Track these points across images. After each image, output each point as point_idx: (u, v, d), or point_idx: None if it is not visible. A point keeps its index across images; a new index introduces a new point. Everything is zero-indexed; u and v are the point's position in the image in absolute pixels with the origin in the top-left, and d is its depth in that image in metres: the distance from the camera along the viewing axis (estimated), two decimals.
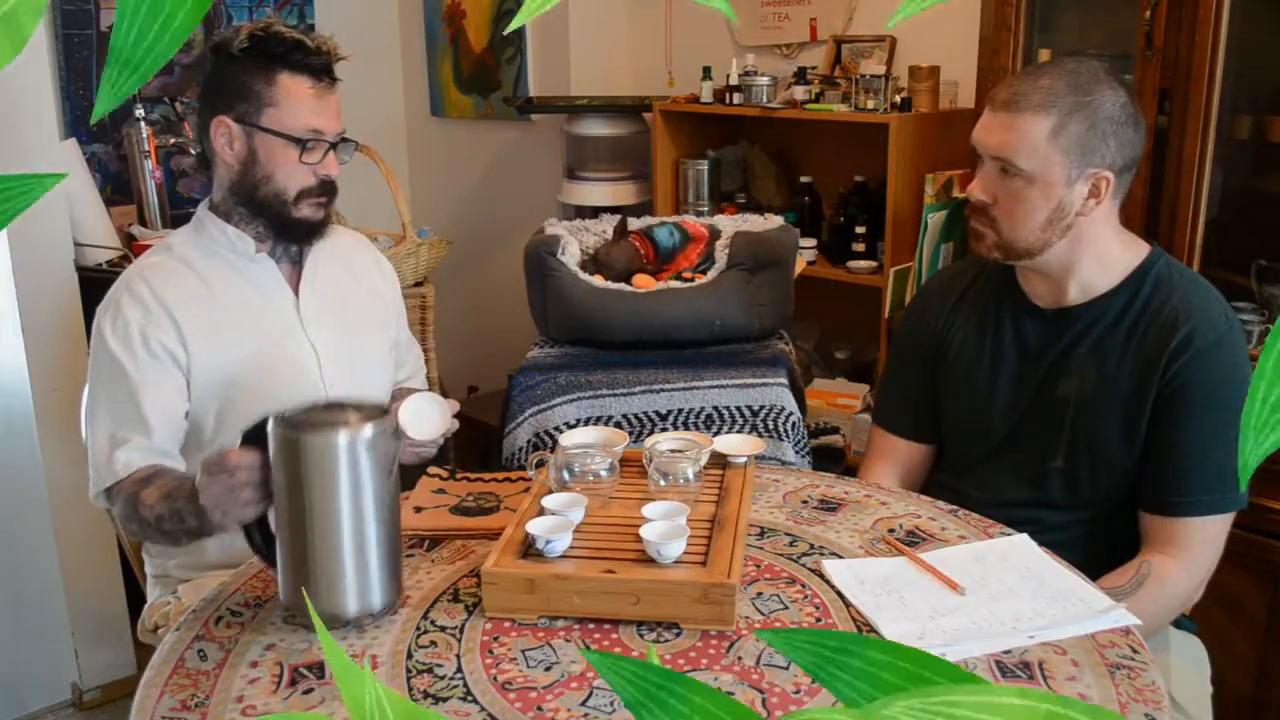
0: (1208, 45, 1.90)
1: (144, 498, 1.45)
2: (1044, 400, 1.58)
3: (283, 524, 1.21)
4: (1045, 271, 1.56)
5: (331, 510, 1.18)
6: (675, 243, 2.16)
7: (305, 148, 1.57)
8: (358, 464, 1.18)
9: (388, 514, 1.22)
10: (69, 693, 2.61)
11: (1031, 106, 1.46)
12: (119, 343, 1.55)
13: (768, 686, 1.09)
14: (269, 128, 1.56)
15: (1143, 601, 1.42)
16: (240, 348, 1.60)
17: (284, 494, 1.20)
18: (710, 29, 3.27)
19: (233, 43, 1.54)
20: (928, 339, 1.72)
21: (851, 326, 2.96)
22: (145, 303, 1.57)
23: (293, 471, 1.18)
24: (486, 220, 3.86)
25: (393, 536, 1.24)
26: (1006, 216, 1.51)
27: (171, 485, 1.44)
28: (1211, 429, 1.47)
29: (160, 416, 1.55)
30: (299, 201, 1.60)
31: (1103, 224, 1.53)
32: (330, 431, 1.17)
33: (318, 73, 1.58)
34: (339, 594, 1.20)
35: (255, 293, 1.65)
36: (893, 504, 1.53)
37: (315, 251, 1.70)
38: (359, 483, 1.19)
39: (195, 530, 1.40)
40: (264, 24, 1.56)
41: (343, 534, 1.19)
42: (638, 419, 1.96)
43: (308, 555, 1.20)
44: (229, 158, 1.59)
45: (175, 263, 1.63)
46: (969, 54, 2.39)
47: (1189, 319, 1.48)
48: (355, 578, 1.21)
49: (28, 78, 2.38)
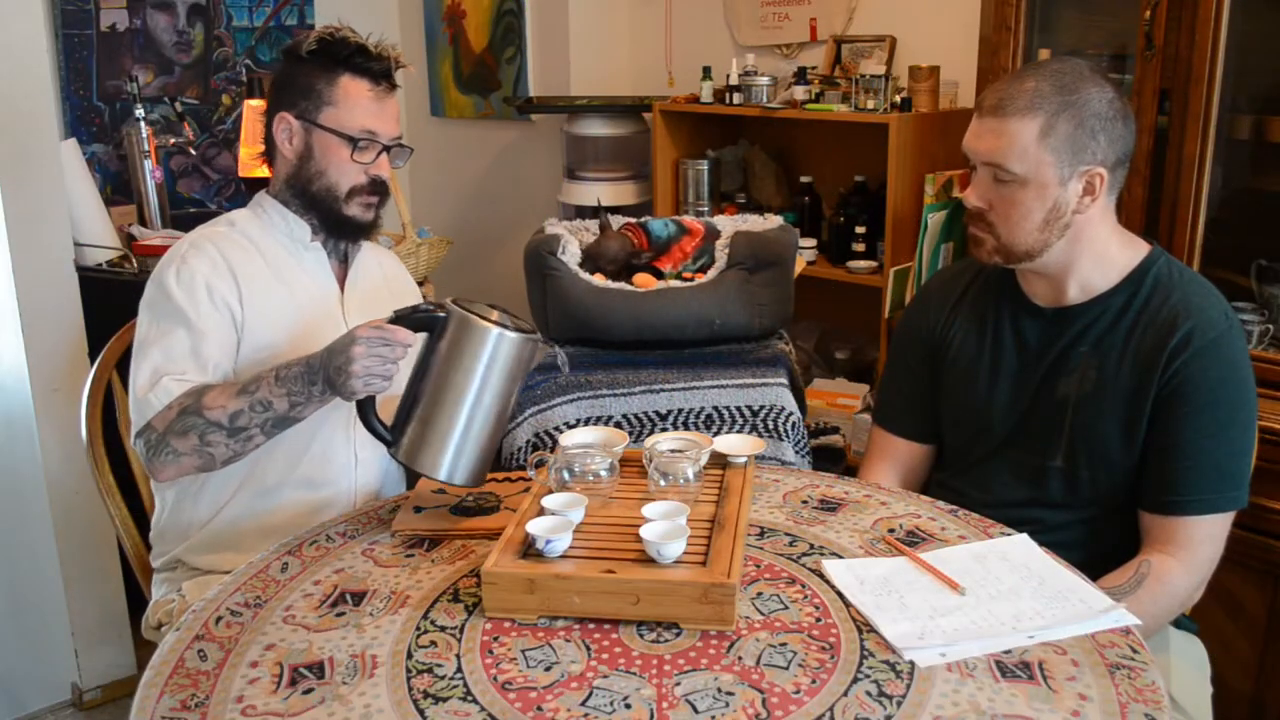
0: (1208, 45, 1.91)
1: (209, 401, 1.50)
2: (1044, 399, 1.58)
3: (422, 391, 1.43)
4: (1045, 271, 1.56)
5: (465, 388, 1.41)
6: (670, 233, 2.17)
7: (358, 146, 1.63)
8: (499, 360, 1.41)
9: (503, 411, 1.45)
10: (69, 693, 2.62)
11: (1018, 110, 1.47)
12: (184, 291, 1.59)
13: (768, 686, 1.09)
14: (326, 125, 1.63)
15: (1143, 601, 1.42)
16: (286, 324, 1.65)
17: (441, 361, 1.41)
18: (710, 29, 3.27)
19: (302, 45, 1.63)
20: (927, 339, 1.72)
21: (851, 326, 2.96)
22: (212, 258, 1.62)
23: (453, 346, 1.41)
24: (486, 220, 3.86)
25: (497, 433, 1.46)
26: (1003, 221, 1.52)
27: (245, 380, 1.52)
28: (1211, 427, 1.47)
29: (215, 360, 1.59)
30: (350, 199, 1.66)
31: (1100, 221, 1.53)
32: (494, 326, 1.41)
33: (377, 77, 1.64)
34: (438, 456, 1.42)
35: (307, 277, 1.70)
36: (893, 504, 1.53)
37: (361, 254, 1.78)
38: (492, 375, 1.42)
39: (280, 418, 1.51)
40: (333, 28, 1.64)
41: (465, 410, 1.41)
42: (638, 419, 1.96)
43: (431, 420, 1.42)
44: (288, 151, 1.66)
45: (238, 235, 1.69)
46: (969, 54, 2.39)
47: (1188, 318, 1.48)
48: (455, 450, 1.42)
49: (28, 78, 2.38)
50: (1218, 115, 1.95)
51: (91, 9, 3.12)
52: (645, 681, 1.10)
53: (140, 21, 3.24)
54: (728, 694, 1.08)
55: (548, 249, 2.10)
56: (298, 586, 1.33)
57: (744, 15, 3.18)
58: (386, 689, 1.11)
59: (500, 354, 1.42)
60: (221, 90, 3.47)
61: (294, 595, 1.31)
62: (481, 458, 1.45)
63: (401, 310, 1.44)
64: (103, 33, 3.15)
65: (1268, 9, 2.09)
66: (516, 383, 1.46)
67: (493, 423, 1.45)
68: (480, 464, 1.46)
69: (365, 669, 1.14)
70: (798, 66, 2.87)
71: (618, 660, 1.14)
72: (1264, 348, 2.02)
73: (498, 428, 1.46)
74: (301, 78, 1.64)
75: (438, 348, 1.42)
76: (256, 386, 1.49)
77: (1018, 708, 1.06)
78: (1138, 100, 2.01)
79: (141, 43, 3.25)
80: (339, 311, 1.72)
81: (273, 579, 1.35)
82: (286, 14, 3.59)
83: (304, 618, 1.25)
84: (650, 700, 1.07)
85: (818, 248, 2.86)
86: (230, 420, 1.49)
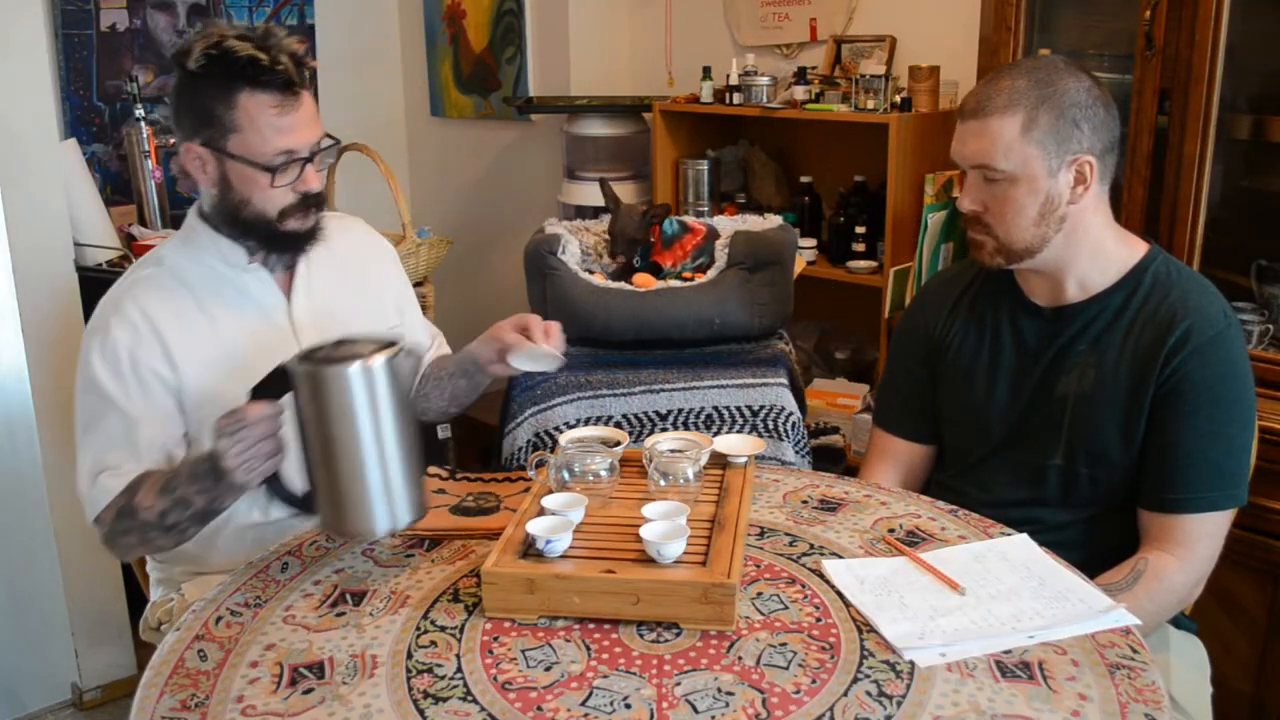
0: (1208, 45, 1.91)
1: (139, 502, 1.45)
2: (1043, 398, 1.58)
3: (314, 458, 1.31)
4: (1044, 269, 1.57)
5: (354, 437, 1.29)
6: (674, 231, 2.17)
7: (277, 171, 1.49)
8: (375, 391, 1.28)
9: (407, 434, 1.33)
10: (69, 693, 2.62)
11: (998, 109, 1.48)
12: (109, 371, 1.51)
13: (767, 686, 1.09)
14: (236, 154, 1.49)
15: (1141, 598, 1.42)
16: (231, 363, 1.56)
17: (313, 426, 1.30)
18: (710, 29, 3.27)
19: (189, 58, 1.45)
20: (926, 340, 1.72)
21: (851, 326, 2.96)
22: (134, 322, 1.53)
23: (319, 405, 1.29)
24: (486, 220, 3.86)
25: (413, 454, 1.34)
26: (999, 220, 1.52)
27: (166, 475, 1.45)
28: (1209, 425, 1.47)
29: (149, 443, 1.52)
30: (283, 219, 1.55)
31: (1095, 212, 1.53)
32: (347, 363, 1.27)
33: (279, 88, 1.47)
34: (368, 515, 1.32)
35: (248, 303, 1.61)
36: (893, 504, 1.53)
37: (310, 256, 1.65)
38: (377, 409, 1.29)
39: (203, 512, 1.43)
40: (216, 38, 1.45)
41: (367, 458, 1.30)
42: (638, 419, 1.96)
43: (336, 482, 1.31)
44: (204, 181, 1.54)
45: (166, 276, 1.58)
46: (969, 54, 2.39)
47: (1186, 316, 1.48)
48: (383, 497, 1.32)
49: (28, 78, 2.38)
50: (1218, 115, 1.95)
51: (91, 9, 3.12)
52: (645, 681, 1.10)
53: (140, 21, 3.24)
54: (728, 694, 1.08)
55: (548, 249, 2.10)
56: (298, 586, 1.33)
57: (744, 15, 3.18)
58: (386, 689, 1.11)
59: (375, 388, 1.28)
60: None
61: (294, 595, 1.31)
62: (410, 490, 1.34)
63: (258, 383, 1.33)
64: (103, 33, 3.15)
65: (1268, 9, 2.09)
66: (407, 399, 1.34)
67: (403, 452, 1.32)
68: (413, 495, 1.34)
69: (365, 669, 1.14)
70: (798, 66, 2.87)
71: (618, 660, 1.14)
72: (1264, 348, 2.02)
73: (411, 452, 1.34)
74: (197, 100, 1.48)
75: (305, 410, 1.30)
76: (175, 484, 1.42)
77: (1018, 708, 1.06)
78: (1138, 100, 2.01)
79: (141, 43, 3.25)
80: (288, 326, 1.62)
81: (273, 579, 1.35)
82: (286, 14, 3.59)
83: (304, 618, 1.25)
84: (650, 700, 1.07)
85: (818, 248, 2.86)
86: (161, 519, 1.43)
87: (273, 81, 1.46)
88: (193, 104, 1.49)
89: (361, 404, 1.28)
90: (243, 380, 1.51)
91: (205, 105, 1.47)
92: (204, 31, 1.47)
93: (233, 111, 1.46)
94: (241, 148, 1.48)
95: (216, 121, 1.47)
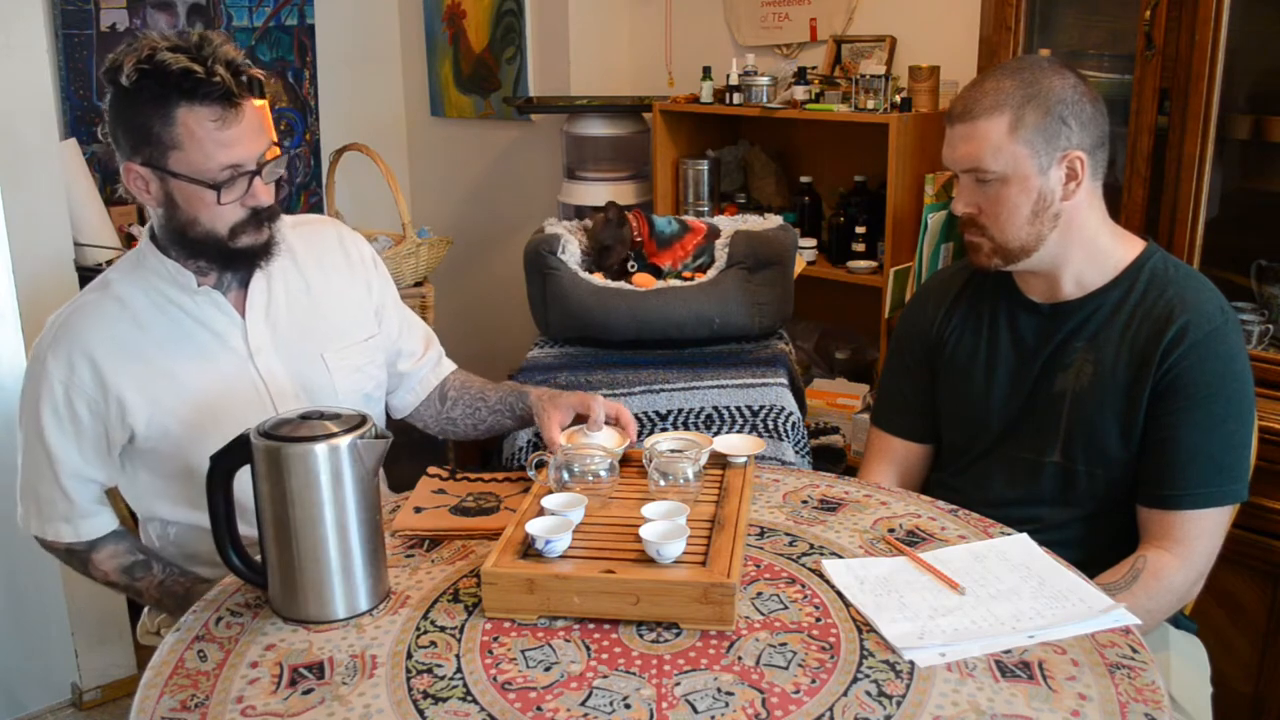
0: (1208, 45, 1.91)
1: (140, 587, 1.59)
2: (1041, 395, 1.58)
3: (268, 536, 1.25)
4: (1040, 268, 1.57)
5: (315, 519, 1.22)
6: (673, 230, 2.17)
7: (222, 188, 1.41)
8: (339, 472, 1.22)
9: (369, 517, 1.26)
10: (69, 693, 2.62)
11: (985, 110, 1.49)
12: (49, 414, 1.49)
13: (767, 686, 1.09)
14: (179, 172, 1.40)
15: (1138, 596, 1.42)
16: (181, 394, 1.50)
17: (267, 504, 1.23)
18: (710, 29, 3.27)
19: (121, 72, 1.37)
20: (925, 339, 1.73)
21: (851, 326, 2.96)
22: (71, 363, 1.48)
23: (275, 483, 1.22)
24: (486, 220, 3.86)
25: (375, 538, 1.27)
26: (993, 221, 1.53)
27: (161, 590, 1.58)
28: (1207, 421, 1.47)
29: (75, 485, 1.53)
30: (235, 237, 1.46)
31: (1089, 209, 1.54)
32: (312, 443, 1.21)
33: (219, 99, 1.38)
34: (327, 600, 1.24)
35: (200, 328, 1.53)
36: (893, 504, 1.53)
37: (268, 271, 1.56)
38: (340, 491, 1.23)
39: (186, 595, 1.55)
40: (147, 51, 1.37)
41: (327, 542, 1.23)
42: (638, 419, 1.96)
43: (294, 564, 1.24)
44: (149, 201, 1.46)
45: (110, 302, 1.51)
46: (969, 54, 2.39)
47: (1184, 312, 1.49)
48: (342, 583, 1.25)
49: (28, 78, 2.38)
50: (1218, 115, 1.95)
51: (91, 9, 3.12)
52: (645, 681, 1.10)
53: (140, 21, 3.24)
54: (727, 694, 1.08)
55: (548, 248, 2.10)
56: None
57: (744, 15, 3.18)
58: (386, 689, 1.11)
59: (340, 469, 1.22)
60: None
61: None
62: (370, 577, 1.26)
63: (217, 451, 1.26)
64: (103, 33, 3.15)
65: (1268, 9, 2.09)
66: (372, 480, 1.25)
67: (366, 537, 1.26)
68: (372, 582, 1.27)
69: (365, 669, 1.14)
70: (798, 66, 2.87)
71: (617, 660, 1.14)
72: (1264, 348, 2.02)
73: (373, 536, 1.27)
74: (133, 118, 1.39)
75: (262, 486, 1.23)
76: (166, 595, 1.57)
77: (1017, 708, 1.06)
78: (1138, 100, 2.01)
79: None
80: (244, 347, 1.55)
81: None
82: (286, 14, 3.59)
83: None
84: (650, 700, 1.07)
85: (818, 248, 2.86)
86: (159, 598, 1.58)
87: (210, 94, 1.37)
88: (129, 122, 1.40)
89: (324, 486, 1.21)
90: (196, 410, 1.51)
91: (142, 123, 1.39)
92: (134, 44, 1.39)
93: (171, 128, 1.38)
94: (183, 165, 1.40)
95: (155, 139, 1.39)
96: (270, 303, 1.58)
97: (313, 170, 3.76)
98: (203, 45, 1.38)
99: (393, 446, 1.27)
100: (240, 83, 1.40)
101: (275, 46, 3.57)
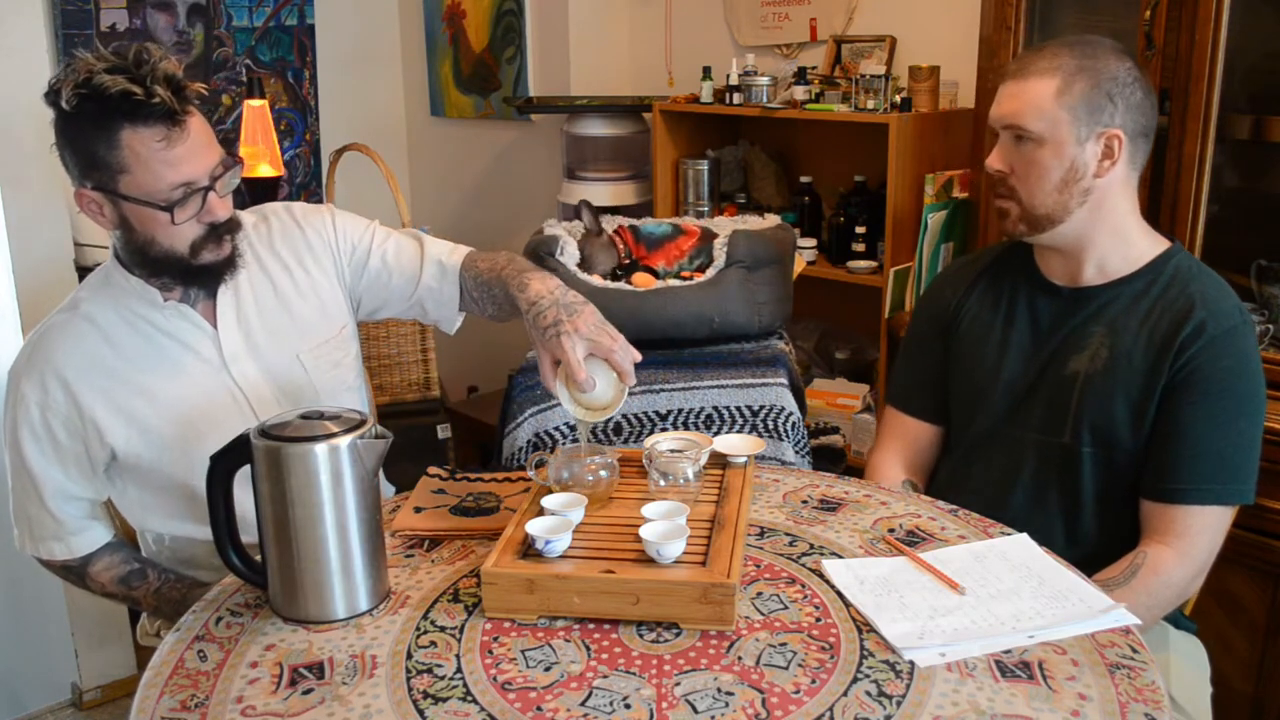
0: (1208, 45, 1.91)
1: (137, 595, 1.59)
2: (1052, 374, 1.59)
3: (268, 535, 1.25)
4: (1063, 246, 1.57)
5: (315, 519, 1.22)
6: (664, 231, 2.17)
7: (175, 207, 1.39)
8: (339, 472, 1.22)
9: (369, 517, 1.26)
10: (69, 693, 2.62)
11: (1037, 71, 1.52)
12: (28, 436, 1.49)
13: (767, 686, 1.09)
14: (130, 195, 1.38)
15: (1137, 592, 1.43)
16: (157, 407, 1.50)
17: (267, 504, 1.23)
18: (710, 29, 3.27)
19: (61, 96, 1.34)
20: (942, 317, 1.74)
21: (851, 326, 2.96)
22: (43, 381, 1.47)
23: (275, 483, 1.22)
24: (486, 220, 3.86)
25: (375, 538, 1.27)
26: (1022, 182, 1.54)
27: (158, 597, 1.58)
28: (1218, 417, 1.47)
29: (61, 504, 1.53)
30: (196, 253, 1.44)
31: (1120, 194, 1.54)
32: (312, 443, 1.21)
33: (161, 119, 1.35)
34: (327, 600, 1.24)
35: (172, 342, 1.52)
36: (893, 504, 1.53)
37: (234, 278, 1.54)
38: (340, 491, 1.23)
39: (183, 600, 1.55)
40: (84, 74, 1.33)
41: (327, 542, 1.23)
42: (638, 419, 1.96)
43: (294, 564, 1.24)
44: (104, 225, 1.44)
45: (80, 322, 1.50)
46: (969, 54, 2.40)
47: (1204, 307, 1.50)
48: (342, 583, 1.25)
49: (28, 78, 2.38)
50: (1218, 115, 1.95)
51: (91, 9, 3.12)
52: (645, 681, 1.10)
53: (140, 21, 3.24)
54: (727, 694, 1.08)
55: (547, 250, 2.10)
56: None
57: (744, 15, 3.18)
58: (386, 689, 1.11)
59: (340, 469, 1.22)
60: (221, 90, 3.47)
61: None
62: (370, 577, 1.27)
63: (218, 451, 1.26)
64: (103, 33, 3.15)
65: (1268, 9, 2.09)
66: (372, 480, 1.25)
67: (366, 537, 1.26)
68: (372, 583, 1.27)
69: (365, 669, 1.14)
70: (798, 66, 2.87)
71: (617, 660, 1.14)
72: (1264, 348, 2.02)
73: (374, 536, 1.27)
74: (78, 142, 1.37)
75: (263, 486, 1.23)
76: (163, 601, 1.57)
77: (1017, 708, 1.06)
78: None
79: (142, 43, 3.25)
80: (218, 357, 1.54)
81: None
82: (286, 14, 3.59)
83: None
84: (650, 700, 1.07)
85: (818, 248, 2.86)
86: (156, 605, 1.58)
87: (153, 114, 1.34)
88: (75, 147, 1.38)
89: (324, 486, 1.21)
90: (175, 425, 1.50)
91: (87, 147, 1.36)
92: (71, 66, 1.35)
93: (117, 151, 1.35)
94: (134, 188, 1.37)
95: (102, 163, 1.36)
96: (240, 310, 1.56)
97: (313, 170, 3.76)
98: (140, 64, 1.35)
99: (393, 446, 1.27)
100: (182, 99, 1.37)
101: (275, 46, 3.57)
